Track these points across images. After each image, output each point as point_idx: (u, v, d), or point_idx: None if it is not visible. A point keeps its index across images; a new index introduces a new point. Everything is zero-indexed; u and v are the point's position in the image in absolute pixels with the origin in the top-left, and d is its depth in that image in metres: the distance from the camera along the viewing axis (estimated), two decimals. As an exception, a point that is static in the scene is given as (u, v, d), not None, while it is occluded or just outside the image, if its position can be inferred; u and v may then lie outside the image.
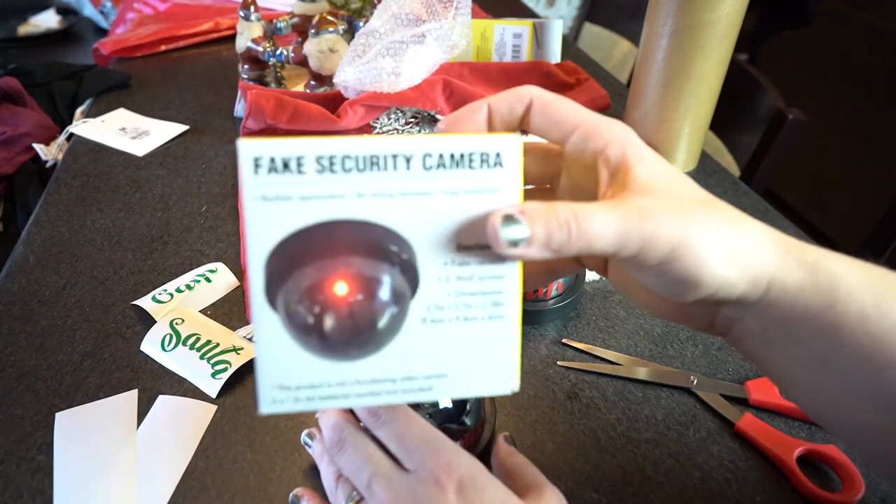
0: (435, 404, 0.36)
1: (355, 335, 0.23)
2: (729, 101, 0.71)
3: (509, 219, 0.22)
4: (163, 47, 1.02)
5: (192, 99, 0.87)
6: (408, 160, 0.22)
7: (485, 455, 0.35)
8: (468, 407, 0.37)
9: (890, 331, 0.23)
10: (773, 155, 0.81)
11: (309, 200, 0.22)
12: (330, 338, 0.23)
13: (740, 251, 0.23)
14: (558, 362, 0.47)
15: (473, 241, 0.24)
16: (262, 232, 0.22)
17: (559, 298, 0.51)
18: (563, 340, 0.49)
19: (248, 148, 0.21)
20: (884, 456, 0.26)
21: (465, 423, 0.37)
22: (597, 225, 0.22)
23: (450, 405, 0.36)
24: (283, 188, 0.22)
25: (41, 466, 0.39)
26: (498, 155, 0.23)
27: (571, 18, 1.56)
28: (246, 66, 0.87)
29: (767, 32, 1.80)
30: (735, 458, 0.41)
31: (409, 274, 0.23)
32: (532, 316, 0.50)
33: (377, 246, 0.23)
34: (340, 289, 0.22)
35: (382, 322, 0.23)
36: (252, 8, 0.82)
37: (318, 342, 0.23)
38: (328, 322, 0.22)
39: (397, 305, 0.23)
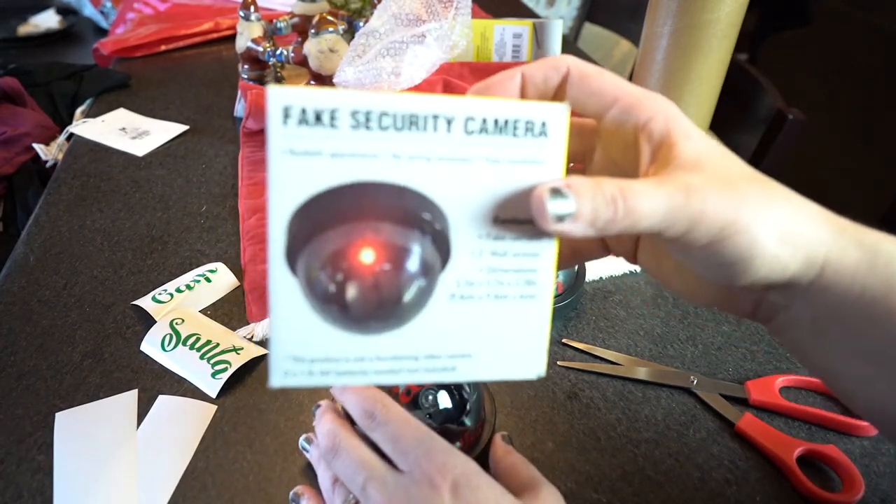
0: (435, 404, 0.36)
1: (379, 307, 0.21)
2: (729, 101, 0.71)
3: (556, 192, 0.21)
4: (163, 47, 1.02)
5: (192, 99, 0.87)
6: (449, 122, 0.21)
7: (484, 455, 0.36)
8: (468, 407, 0.37)
9: None
10: (773, 155, 0.81)
11: (341, 158, 0.20)
12: (352, 309, 0.21)
13: (793, 229, 0.22)
14: (558, 362, 0.47)
15: (511, 215, 0.22)
16: (288, 189, 0.20)
17: (559, 298, 0.51)
18: (563, 340, 0.49)
19: (277, 95, 0.19)
20: None
21: (464, 423, 0.37)
22: (644, 202, 0.21)
23: (450, 405, 0.36)
24: (313, 142, 0.20)
25: (41, 466, 0.39)
26: (544, 124, 0.22)
27: (571, 18, 1.55)
28: (246, 66, 0.87)
29: (767, 32, 1.80)
30: (735, 458, 0.41)
31: (441, 245, 0.22)
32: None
33: (409, 213, 0.21)
34: (367, 256, 0.21)
35: (409, 295, 0.22)
36: (252, 8, 0.82)
37: (339, 312, 0.21)
38: (351, 291, 0.21)
39: (426, 278, 0.22)
